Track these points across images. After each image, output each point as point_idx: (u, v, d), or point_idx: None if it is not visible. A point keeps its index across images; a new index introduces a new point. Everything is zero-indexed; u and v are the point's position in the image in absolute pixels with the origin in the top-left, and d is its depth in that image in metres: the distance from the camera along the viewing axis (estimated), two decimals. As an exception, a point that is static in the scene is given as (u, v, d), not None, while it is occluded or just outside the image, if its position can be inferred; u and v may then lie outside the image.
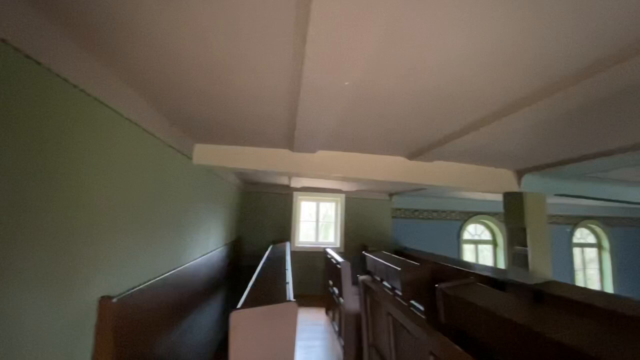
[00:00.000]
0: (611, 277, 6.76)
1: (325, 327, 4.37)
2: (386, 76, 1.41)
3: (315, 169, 2.89)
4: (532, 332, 1.71)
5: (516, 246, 3.17)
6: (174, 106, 1.85)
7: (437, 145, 2.44)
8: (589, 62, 1.20)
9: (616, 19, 0.96)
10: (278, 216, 5.92)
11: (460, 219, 6.53)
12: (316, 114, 1.81)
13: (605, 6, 0.91)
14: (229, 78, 1.48)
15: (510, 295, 2.60)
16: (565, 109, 1.59)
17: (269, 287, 2.16)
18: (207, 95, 1.69)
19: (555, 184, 3.12)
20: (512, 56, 1.20)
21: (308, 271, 5.79)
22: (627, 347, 1.43)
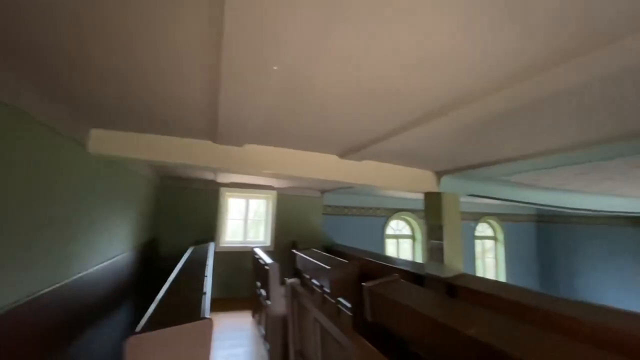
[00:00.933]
0: (504, 264, 7.95)
1: (251, 332, 4.14)
2: (321, 66, 1.28)
3: (243, 165, 2.64)
4: (447, 327, 1.79)
5: (433, 240, 3.41)
6: (56, 78, 1.43)
7: (368, 144, 2.43)
8: (507, 74, 1.25)
9: (536, 30, 0.98)
10: (202, 214, 5.43)
11: (385, 215, 6.90)
12: (240, 101, 1.59)
13: (525, 19, 0.92)
14: (131, 48, 1.17)
15: (427, 290, 2.76)
16: (483, 116, 1.69)
17: (182, 299, 1.87)
18: (104, 69, 1.33)
19: (467, 185, 3.44)
20: (443, 59, 1.18)
21: (235, 272, 5.45)
22: (529, 337, 1.57)
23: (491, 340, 1.51)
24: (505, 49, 1.10)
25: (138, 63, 1.28)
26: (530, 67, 1.19)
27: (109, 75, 1.41)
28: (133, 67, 1.32)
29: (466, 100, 1.51)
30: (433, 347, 1.89)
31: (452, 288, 3.00)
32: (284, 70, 1.31)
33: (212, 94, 1.57)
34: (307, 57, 1.21)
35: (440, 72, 1.28)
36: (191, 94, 1.61)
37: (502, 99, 1.45)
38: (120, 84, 1.50)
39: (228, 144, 2.57)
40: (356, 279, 3.46)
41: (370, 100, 1.61)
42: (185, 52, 1.19)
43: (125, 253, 3.22)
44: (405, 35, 1.05)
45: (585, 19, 0.92)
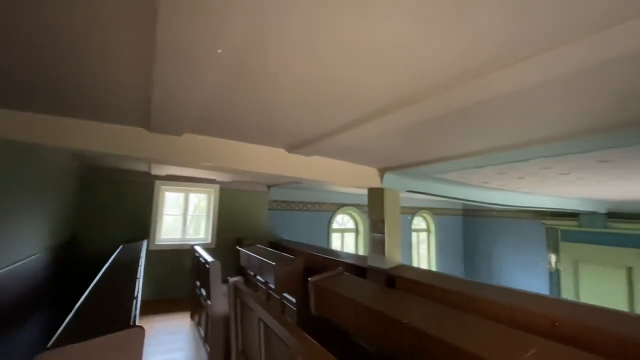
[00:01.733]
0: (435, 254, 8.71)
1: (190, 334, 3.90)
2: (269, 53, 1.21)
3: (181, 156, 2.44)
4: (387, 317, 1.88)
5: (376, 234, 3.56)
6: None
7: (317, 140, 2.42)
8: (449, 77, 1.33)
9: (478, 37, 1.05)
10: (134, 210, 4.92)
11: (331, 210, 7.03)
12: (180, 85, 1.45)
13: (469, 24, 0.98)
14: (38, 10, 0.97)
15: (369, 282, 2.88)
16: (425, 117, 1.79)
17: (107, 306, 1.66)
18: (4, 29, 1.09)
19: (407, 182, 3.66)
20: (394, 57, 1.20)
21: (172, 272, 5.07)
22: (458, 323, 1.73)
23: (427, 328, 1.62)
24: (451, 53, 1.16)
25: (48, 24, 1.07)
26: (469, 73, 1.28)
27: (12, 39, 1.16)
28: (43, 30, 1.10)
29: (412, 100, 1.58)
30: (375, 338, 1.97)
31: (392, 279, 3.17)
32: (231, 55, 1.22)
33: (146, 75, 1.40)
34: (257, 42, 1.13)
35: (390, 70, 1.31)
36: (119, 72, 1.41)
37: (443, 101, 1.54)
38: (26, 51, 1.25)
39: (164, 133, 2.34)
40: (301, 274, 3.46)
41: (320, 94, 1.59)
42: (111, 19, 1.03)
43: (37, 255, 2.77)
44: (358, 31, 1.05)
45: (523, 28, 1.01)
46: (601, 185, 3.68)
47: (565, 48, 1.04)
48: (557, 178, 3.36)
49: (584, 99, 1.52)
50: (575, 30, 0.97)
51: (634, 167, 2.64)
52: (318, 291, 2.56)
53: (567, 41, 1.02)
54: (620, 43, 1.01)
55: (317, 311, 2.58)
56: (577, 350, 1.41)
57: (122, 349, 1.26)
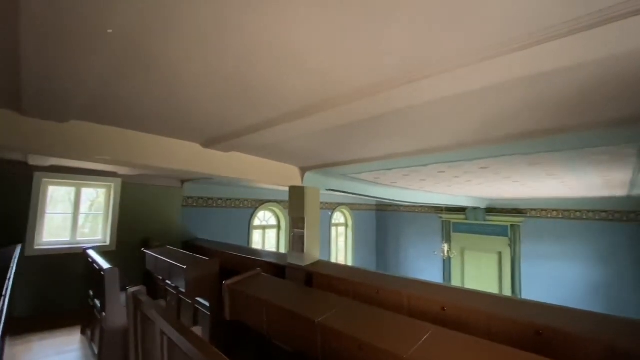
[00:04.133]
0: (352, 247, 9.31)
1: (80, 353, 3.35)
2: (170, 41, 1.09)
3: (65, 146, 2.04)
4: (301, 316, 1.92)
5: (296, 230, 3.61)
6: None
7: (235, 136, 2.31)
8: (357, 88, 1.41)
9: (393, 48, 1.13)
10: (5, 207, 3.96)
11: (252, 207, 6.85)
12: (58, 62, 1.20)
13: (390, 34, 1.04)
14: None
15: (287, 282, 2.90)
16: (339, 122, 1.86)
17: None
18: None
19: (326, 180, 3.80)
20: (309, 61, 1.21)
21: (58, 281, 4.26)
22: (365, 316, 1.86)
23: (335, 325, 1.71)
24: (362, 66, 1.22)
25: None
26: (385, 82, 1.36)
27: None
28: None
29: (326, 106, 1.62)
30: (290, 338, 1.99)
31: (310, 275, 3.26)
32: (125, 37, 1.05)
33: (9, 49, 1.12)
34: (154, 27, 1.01)
35: (306, 74, 1.31)
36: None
37: (353, 109, 1.63)
38: None
39: (43, 118, 1.93)
40: (216, 276, 3.29)
41: (234, 90, 1.51)
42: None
43: None
44: (274, 31, 1.01)
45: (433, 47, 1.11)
46: (482, 186, 4.43)
47: (459, 71, 1.19)
48: (450, 180, 3.92)
49: (469, 117, 1.78)
50: (463, 57, 1.11)
51: (504, 173, 3.25)
52: (233, 295, 2.47)
53: (459, 65, 1.16)
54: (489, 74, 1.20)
55: (232, 316, 2.48)
56: (461, 334, 1.65)
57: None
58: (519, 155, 2.64)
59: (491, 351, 1.42)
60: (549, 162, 2.88)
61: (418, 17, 0.92)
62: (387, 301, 2.59)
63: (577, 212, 7.03)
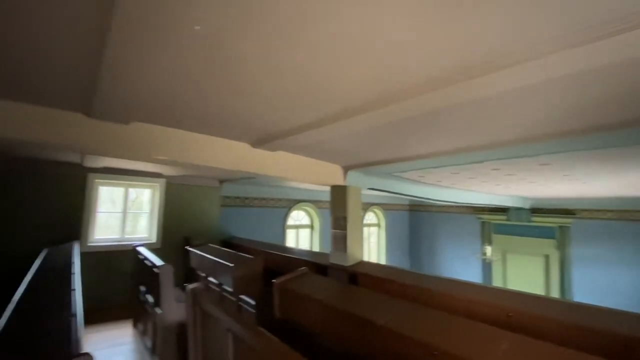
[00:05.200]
0: (385, 248, 9.13)
1: (134, 346, 3.51)
2: (249, 33, 1.07)
3: (128, 148, 2.12)
4: (360, 318, 1.86)
5: (338, 230, 3.55)
6: None
7: (284, 135, 2.30)
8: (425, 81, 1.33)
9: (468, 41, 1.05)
10: (61, 206, 4.24)
11: (286, 206, 6.90)
12: (137, 64, 1.23)
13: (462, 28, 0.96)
14: None
15: (334, 281, 2.85)
16: (396, 118, 1.78)
17: (37, 328, 1.36)
18: None
19: (369, 179, 3.71)
20: (380, 54, 1.15)
21: (107, 276, 4.49)
22: (429, 321, 1.77)
23: (402, 329, 1.63)
24: (433, 57, 1.14)
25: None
26: (442, 78, 1.29)
27: None
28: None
29: (387, 101, 1.56)
30: (346, 339, 1.93)
31: (354, 275, 3.19)
32: (206, 33, 1.05)
33: (94, 56, 1.15)
34: (238, 20, 0.98)
35: (375, 67, 1.25)
36: (61, 44, 1.14)
37: (411, 105, 1.55)
38: None
39: (108, 120, 2.01)
40: (261, 274, 3.31)
41: (294, 87, 1.48)
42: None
43: None
44: (352, 24, 0.97)
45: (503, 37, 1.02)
46: (534, 185, 4.15)
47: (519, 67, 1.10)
48: (500, 178, 3.69)
49: (539, 108, 1.64)
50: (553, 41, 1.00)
51: (565, 170, 3.01)
52: (284, 293, 2.46)
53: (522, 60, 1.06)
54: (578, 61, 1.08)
55: (282, 314, 2.47)
56: (546, 343, 1.51)
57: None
58: (586, 151, 2.42)
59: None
60: (619, 158, 2.63)
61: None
62: (441, 305, 2.47)
63: (637, 212, 6.43)
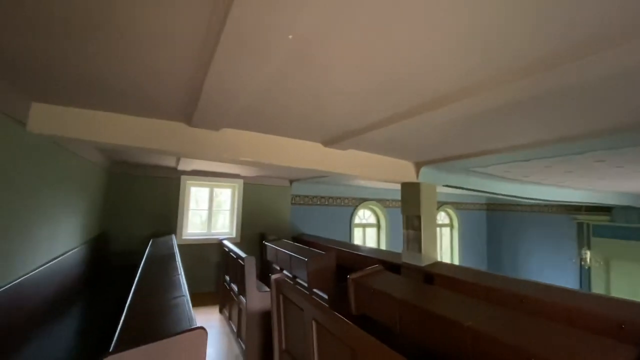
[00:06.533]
0: (458, 250, 8.53)
1: (220, 329, 3.91)
2: (336, 44, 1.12)
3: (219, 151, 2.38)
4: (444, 318, 1.79)
5: (410, 230, 3.46)
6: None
7: (355, 134, 2.33)
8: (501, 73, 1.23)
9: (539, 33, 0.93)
10: (159, 204, 4.95)
11: (352, 205, 6.94)
12: (233, 76, 1.37)
13: None
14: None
15: (409, 280, 2.79)
16: (471, 111, 1.67)
17: (158, 304, 1.62)
18: (47, 18, 1.03)
19: (444, 176, 3.52)
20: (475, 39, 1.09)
21: (198, 266, 5.10)
22: (523, 326, 1.62)
23: (493, 331, 1.53)
24: (507, 51, 1.06)
25: (91, 7, 1.01)
26: (521, 69, 1.18)
27: (55, 29, 1.10)
28: (86, 15, 1.04)
29: (459, 95, 1.49)
30: (427, 338, 1.88)
31: (429, 276, 3.07)
32: (298, 41, 1.13)
33: (202, 64, 1.33)
34: (327, 26, 1.04)
35: (468, 54, 1.19)
36: (176, 62, 1.34)
37: (491, 96, 1.44)
38: (71, 41, 1.18)
39: (204, 127, 2.29)
40: (333, 269, 3.40)
41: (372, 87, 1.50)
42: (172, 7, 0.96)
43: (73, 250, 2.79)
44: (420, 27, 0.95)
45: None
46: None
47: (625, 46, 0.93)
48: (606, 172, 3.17)
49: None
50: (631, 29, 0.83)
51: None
52: (359, 289, 2.49)
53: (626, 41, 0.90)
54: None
55: (357, 310, 2.51)
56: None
57: (186, 351, 1.22)
58: None
59: None
60: None
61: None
62: (533, 313, 2.23)
63: None
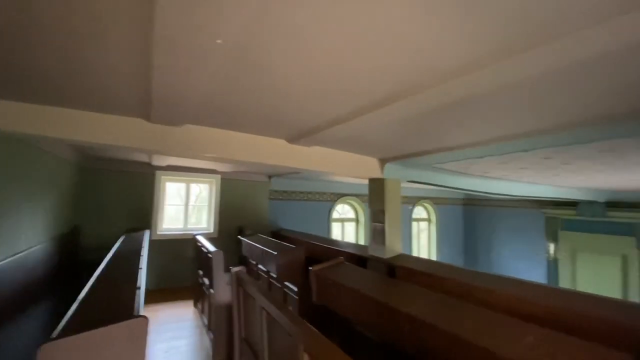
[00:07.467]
0: (435, 243, 8.78)
1: (194, 322, 3.98)
2: (273, 45, 1.19)
3: (182, 147, 2.43)
4: (388, 306, 1.91)
5: (376, 223, 3.58)
6: None
7: (318, 130, 2.41)
8: (452, 68, 1.31)
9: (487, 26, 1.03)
10: (134, 200, 4.95)
11: (331, 200, 7.06)
12: (178, 76, 1.43)
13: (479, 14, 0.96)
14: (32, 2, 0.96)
15: (370, 272, 2.91)
16: (427, 108, 1.77)
17: (110, 296, 1.68)
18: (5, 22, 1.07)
19: (408, 172, 3.66)
20: (398, 46, 1.18)
21: (174, 261, 5.13)
22: (458, 312, 1.76)
23: (425, 317, 1.65)
24: (456, 43, 1.14)
25: (42, 16, 1.06)
26: (473, 62, 1.26)
27: (12, 31, 1.14)
28: (39, 22, 1.09)
29: (415, 90, 1.57)
30: (375, 326, 2.00)
31: (392, 268, 3.20)
32: (232, 46, 1.20)
33: (145, 66, 1.38)
34: (259, 33, 1.12)
35: (395, 59, 1.28)
36: (118, 63, 1.39)
37: (444, 92, 1.53)
38: (26, 43, 1.23)
39: (164, 124, 2.33)
40: (303, 263, 3.50)
41: (324, 84, 1.57)
42: (107, 9, 1.01)
43: (39, 246, 2.80)
44: (364, 20, 1.03)
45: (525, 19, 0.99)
46: (602, 174, 3.68)
47: (570, 38, 1.03)
48: (559, 168, 3.36)
49: (587, 89, 1.50)
50: (580, 20, 0.95)
51: (633, 157, 2.64)
52: (319, 280, 2.60)
53: (573, 31, 1.00)
54: (627, 34, 0.99)
55: (318, 300, 2.62)
56: (573, 337, 1.43)
57: (127, 339, 1.29)
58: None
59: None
60: None
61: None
62: (481, 301, 2.38)
63: None
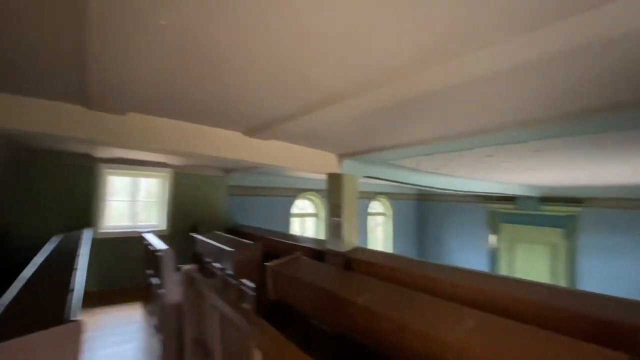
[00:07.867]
0: (391, 237, 9.16)
1: (142, 325, 3.73)
2: (223, 29, 1.14)
3: (125, 138, 2.25)
4: (341, 298, 1.95)
5: (334, 218, 3.64)
6: None
7: (275, 124, 2.37)
8: (404, 65, 1.36)
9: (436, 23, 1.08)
10: (74, 195, 4.49)
11: (292, 195, 7.03)
12: (119, 60, 1.32)
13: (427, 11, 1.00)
14: None
15: (326, 265, 2.96)
16: (377, 105, 1.82)
17: (39, 300, 1.51)
18: None
19: (364, 167, 3.76)
20: (348, 43, 1.19)
21: (121, 260, 4.76)
22: (407, 301, 1.85)
23: (375, 306, 1.71)
24: (403, 43, 1.18)
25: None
26: (419, 63, 1.31)
27: None
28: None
29: (365, 88, 1.60)
30: (330, 318, 2.04)
31: (349, 261, 3.28)
32: (178, 29, 1.12)
33: (79, 48, 1.25)
34: (207, 17, 1.06)
35: (345, 56, 1.30)
36: (53, 40, 1.24)
37: (392, 91, 1.59)
38: None
39: (106, 111, 2.13)
40: (260, 259, 3.45)
41: (276, 76, 1.55)
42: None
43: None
44: (313, 14, 1.02)
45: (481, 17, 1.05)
46: (536, 172, 4.09)
47: (513, 41, 1.10)
48: (499, 165, 3.67)
49: (525, 92, 1.65)
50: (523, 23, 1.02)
51: (562, 157, 2.97)
52: (275, 276, 2.58)
53: (517, 34, 1.07)
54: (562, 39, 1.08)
55: (275, 295, 2.60)
56: (509, 320, 1.57)
57: (58, 346, 1.17)
58: (580, 136, 2.39)
59: (547, 340, 1.34)
60: (614, 143, 2.58)
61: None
62: (428, 288, 2.54)
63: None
